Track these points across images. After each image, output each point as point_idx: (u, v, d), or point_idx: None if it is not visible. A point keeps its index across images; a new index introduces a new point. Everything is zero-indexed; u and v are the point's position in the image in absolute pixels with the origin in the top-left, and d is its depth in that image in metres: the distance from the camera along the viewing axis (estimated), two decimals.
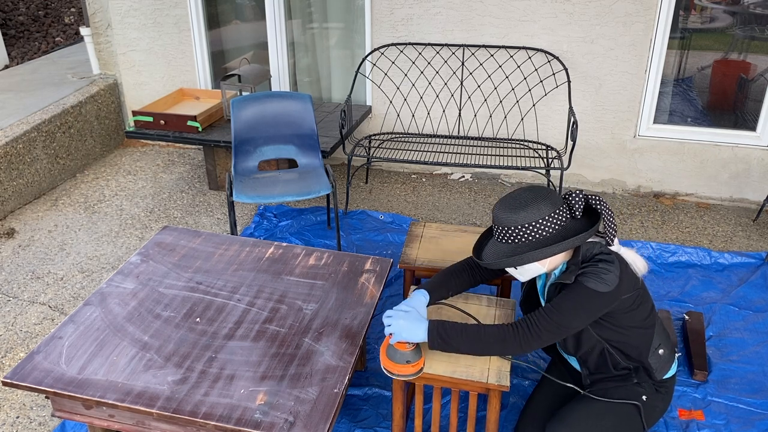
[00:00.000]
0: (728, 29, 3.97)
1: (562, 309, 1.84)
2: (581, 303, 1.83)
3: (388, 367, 1.97)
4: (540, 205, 1.85)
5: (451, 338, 1.90)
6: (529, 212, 1.85)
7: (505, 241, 1.92)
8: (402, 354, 1.95)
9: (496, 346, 1.88)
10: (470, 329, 1.90)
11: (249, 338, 2.21)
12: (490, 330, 1.89)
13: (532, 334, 1.86)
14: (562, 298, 1.85)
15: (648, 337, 2.01)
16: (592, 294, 1.82)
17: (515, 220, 1.87)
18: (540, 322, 1.85)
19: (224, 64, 4.92)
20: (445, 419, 2.50)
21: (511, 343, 1.87)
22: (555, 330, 1.85)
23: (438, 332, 1.91)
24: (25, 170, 4.16)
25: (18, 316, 3.13)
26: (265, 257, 2.68)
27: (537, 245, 1.86)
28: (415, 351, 1.96)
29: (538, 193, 1.88)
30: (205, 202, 4.23)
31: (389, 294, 3.25)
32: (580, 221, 1.92)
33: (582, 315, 1.84)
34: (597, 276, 1.83)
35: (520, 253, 1.87)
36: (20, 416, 2.55)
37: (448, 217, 4.03)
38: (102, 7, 4.81)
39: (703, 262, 3.51)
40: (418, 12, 4.21)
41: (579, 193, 1.89)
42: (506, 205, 1.89)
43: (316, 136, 3.64)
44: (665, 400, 2.10)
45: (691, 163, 4.19)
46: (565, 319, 1.84)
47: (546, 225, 1.86)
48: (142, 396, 1.97)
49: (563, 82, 4.18)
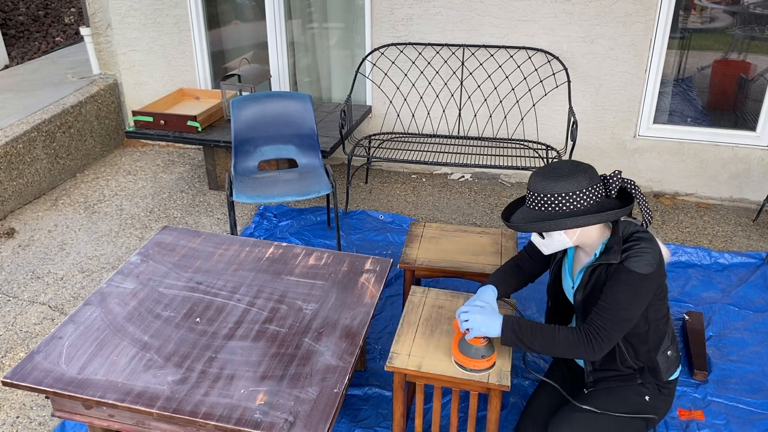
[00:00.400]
0: (728, 29, 3.97)
1: (622, 303, 1.84)
2: (636, 291, 1.83)
3: (463, 362, 1.99)
4: (578, 178, 1.86)
5: (524, 336, 1.92)
6: (567, 182, 1.85)
7: (538, 208, 1.90)
8: (477, 349, 1.97)
9: (568, 350, 1.90)
10: (545, 330, 1.92)
11: (249, 338, 2.21)
12: (564, 333, 1.91)
13: (603, 338, 1.87)
14: (615, 292, 1.85)
15: (661, 335, 2.01)
16: (641, 278, 1.83)
17: (552, 189, 1.86)
18: (606, 324, 1.86)
19: (224, 64, 4.92)
20: (446, 419, 2.50)
21: (583, 349, 1.89)
22: (622, 326, 1.87)
23: (513, 329, 1.94)
24: (25, 170, 4.16)
25: (18, 316, 3.13)
26: (265, 257, 2.68)
27: (569, 215, 1.86)
28: (489, 346, 1.99)
29: (578, 166, 1.89)
30: (205, 202, 4.23)
31: (389, 294, 3.25)
32: (613, 201, 1.93)
33: (640, 302, 1.85)
34: (640, 257, 1.83)
35: (549, 220, 1.87)
36: (20, 416, 2.55)
37: (448, 217, 4.03)
38: (102, 7, 4.81)
39: (703, 262, 3.51)
40: (418, 12, 4.21)
41: (618, 174, 1.90)
42: (545, 173, 1.89)
43: (316, 136, 3.64)
44: (667, 401, 2.10)
45: (691, 163, 4.19)
46: (627, 313, 1.85)
47: (581, 197, 1.86)
48: (142, 396, 1.97)
49: (563, 82, 4.18)
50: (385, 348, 2.89)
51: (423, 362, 2.03)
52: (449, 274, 2.68)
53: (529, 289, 3.28)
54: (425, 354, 2.07)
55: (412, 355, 2.06)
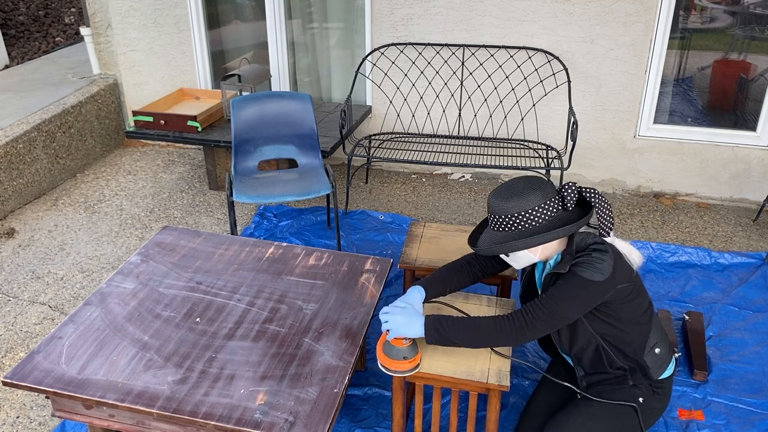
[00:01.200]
0: (728, 29, 3.97)
1: (556, 298, 1.86)
2: (575, 292, 1.85)
3: (385, 364, 1.99)
4: (531, 195, 1.88)
5: (447, 332, 1.92)
6: (521, 201, 1.88)
7: (498, 228, 1.95)
8: (399, 350, 1.96)
9: (491, 337, 1.90)
10: (465, 321, 1.92)
11: (249, 338, 2.21)
12: (485, 322, 1.91)
13: (527, 324, 1.87)
14: (556, 288, 1.87)
15: (644, 333, 2.01)
16: (586, 283, 1.84)
17: (506, 209, 1.90)
18: (535, 312, 1.87)
19: (224, 64, 4.92)
20: (445, 419, 2.50)
21: (506, 334, 1.89)
22: (549, 320, 1.87)
23: (434, 326, 1.93)
24: (25, 170, 4.16)
25: (18, 316, 3.13)
26: (265, 257, 2.68)
27: (527, 234, 1.89)
28: (412, 347, 1.98)
29: (532, 183, 1.91)
30: (205, 202, 4.23)
31: (389, 294, 3.25)
32: (573, 213, 1.95)
33: (576, 304, 1.85)
34: (591, 265, 1.84)
35: (510, 241, 1.90)
36: (20, 416, 2.55)
37: (448, 217, 4.03)
38: (102, 7, 4.81)
39: (703, 262, 3.51)
40: (418, 12, 4.21)
41: (573, 185, 1.91)
42: (500, 193, 1.92)
43: (316, 136, 3.64)
44: (662, 401, 2.09)
45: (691, 163, 4.19)
46: (559, 309, 1.85)
47: (537, 214, 1.89)
48: (142, 396, 1.97)
49: (563, 82, 4.18)
50: None
51: (423, 362, 2.03)
52: None
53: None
54: (424, 354, 2.07)
55: None
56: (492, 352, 2.07)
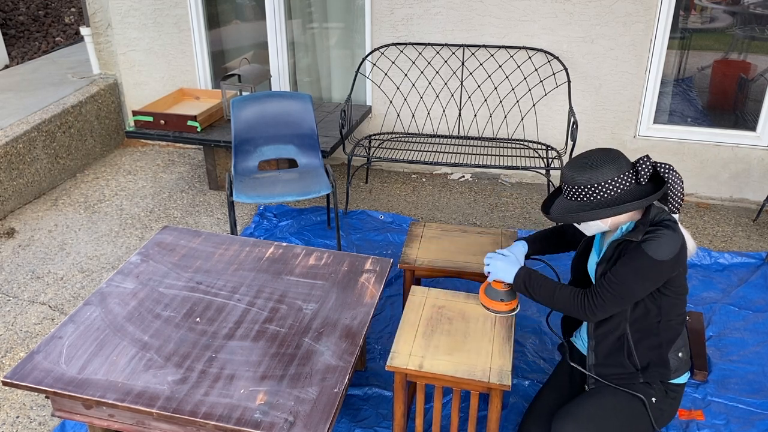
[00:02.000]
0: (728, 29, 3.97)
1: (625, 279, 1.91)
2: (641, 271, 1.89)
3: (485, 303, 2.24)
4: (605, 168, 1.92)
5: (531, 285, 2.09)
6: (595, 174, 1.93)
7: (571, 198, 2.00)
8: (497, 292, 2.21)
9: (565, 306, 2.03)
10: (549, 284, 2.07)
11: (249, 338, 2.21)
12: (564, 291, 2.04)
13: (597, 304, 1.96)
14: (623, 266, 1.91)
15: (675, 334, 2.03)
16: (653, 262, 1.87)
17: (581, 180, 1.95)
18: (604, 293, 1.94)
19: (224, 64, 4.92)
20: (446, 419, 2.50)
21: (578, 308, 2.00)
22: (618, 300, 1.94)
23: (523, 277, 2.12)
24: (25, 170, 4.15)
25: (18, 315, 3.13)
26: (265, 257, 2.68)
27: (599, 205, 1.94)
28: (510, 292, 2.21)
29: (607, 155, 1.95)
30: (205, 202, 4.23)
31: (389, 294, 3.25)
32: (646, 187, 1.98)
33: (643, 283, 1.90)
34: (659, 242, 1.87)
35: (582, 211, 1.96)
36: (20, 416, 2.55)
37: (448, 217, 4.03)
38: (102, 7, 4.81)
39: (703, 262, 3.51)
40: (418, 12, 4.21)
41: (647, 159, 1.94)
42: (575, 164, 1.97)
43: (316, 136, 3.64)
44: (673, 405, 2.09)
45: (691, 163, 4.19)
46: (627, 289, 1.91)
47: (609, 187, 1.93)
48: (142, 396, 1.97)
49: (563, 82, 4.18)
50: (386, 348, 2.89)
51: (424, 362, 2.03)
52: (449, 274, 2.68)
53: None
54: (426, 354, 2.07)
55: (412, 355, 2.06)
56: (493, 352, 2.07)
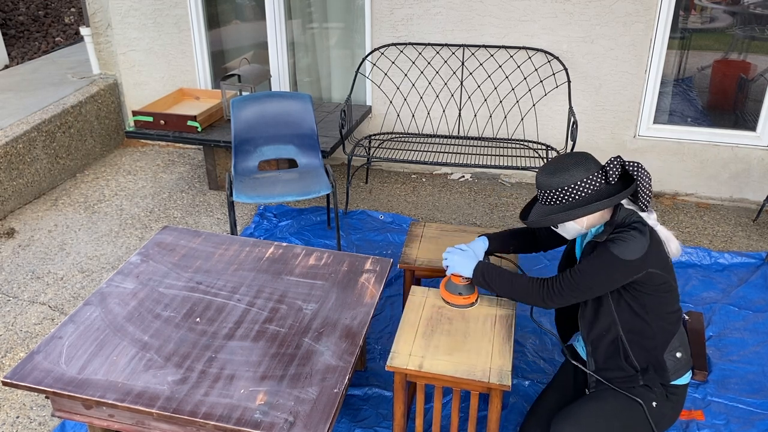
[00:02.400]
0: (728, 29, 3.97)
1: (585, 271, 1.95)
2: (603, 267, 1.92)
3: (445, 297, 2.28)
4: (575, 170, 1.98)
5: (489, 277, 2.13)
6: (565, 176, 1.98)
7: (546, 202, 2.06)
8: (455, 286, 2.25)
9: (523, 294, 2.08)
10: (507, 275, 2.11)
11: (249, 338, 2.21)
12: (522, 280, 2.08)
13: (555, 291, 2.01)
14: (587, 261, 1.96)
15: (669, 333, 2.03)
16: (615, 260, 1.90)
17: (552, 183, 2.01)
18: (564, 281, 1.99)
19: (224, 64, 4.92)
20: (446, 419, 2.50)
21: (535, 295, 2.05)
22: (576, 290, 1.97)
23: (482, 270, 2.15)
24: (25, 170, 4.15)
25: (18, 316, 3.13)
26: (265, 257, 2.68)
27: (572, 206, 1.99)
28: (469, 287, 2.25)
29: (577, 158, 2.01)
30: (205, 202, 4.23)
31: (389, 294, 3.25)
32: (616, 186, 2.02)
33: (603, 279, 1.93)
34: (624, 242, 1.90)
35: (555, 213, 2.00)
36: (20, 416, 2.55)
37: (448, 217, 4.03)
38: (102, 7, 4.81)
39: (703, 262, 3.51)
40: (418, 12, 4.21)
41: (617, 159, 1.98)
42: (547, 169, 2.04)
43: (316, 136, 3.64)
44: (675, 409, 2.08)
45: (691, 163, 4.19)
46: (585, 280, 1.95)
47: (580, 188, 1.98)
48: (142, 396, 1.97)
49: (563, 82, 4.18)
50: (386, 348, 2.89)
51: (424, 362, 2.03)
52: None
53: None
54: (426, 354, 2.07)
55: (412, 355, 2.06)
56: (493, 352, 2.07)
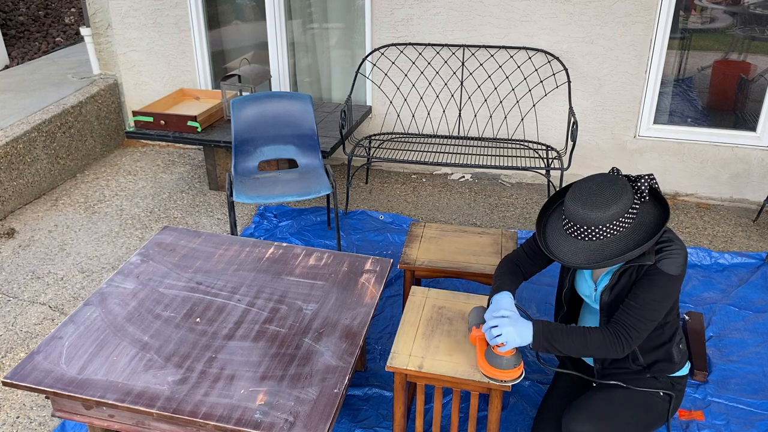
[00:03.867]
0: (728, 29, 3.97)
1: (653, 304, 1.86)
2: (666, 292, 1.85)
3: (495, 375, 1.93)
4: (621, 199, 1.84)
5: (556, 340, 1.91)
6: (614, 209, 1.83)
7: (588, 238, 1.89)
8: (509, 360, 1.92)
9: (599, 350, 1.90)
10: (575, 332, 1.91)
11: (249, 338, 2.21)
12: (595, 335, 1.90)
13: (631, 337, 1.88)
14: (647, 292, 1.85)
15: (675, 328, 2.04)
16: (672, 279, 1.85)
17: (601, 219, 1.84)
18: (635, 324, 1.87)
19: (224, 64, 4.92)
20: (447, 419, 2.50)
21: (613, 346, 1.89)
22: (649, 326, 1.88)
23: (544, 334, 1.91)
24: (25, 170, 4.15)
25: (18, 316, 3.13)
26: (265, 257, 2.68)
27: (621, 238, 1.87)
28: (518, 353, 1.94)
29: (614, 185, 1.86)
30: (205, 203, 4.23)
31: (389, 294, 3.25)
32: (647, 205, 1.94)
33: (668, 303, 1.88)
34: (672, 259, 1.84)
35: (608, 249, 1.86)
36: (20, 416, 2.55)
37: (448, 218, 4.03)
38: (102, 8, 4.81)
39: (703, 262, 3.51)
40: (418, 12, 4.21)
41: (647, 177, 1.88)
42: (588, 203, 1.85)
43: (316, 137, 3.64)
44: (678, 398, 2.11)
45: (692, 163, 4.19)
46: (656, 314, 1.87)
47: (628, 218, 1.86)
48: (142, 396, 1.97)
49: (563, 82, 4.18)
50: (386, 348, 2.89)
51: (424, 362, 2.03)
52: (449, 275, 2.68)
53: (529, 290, 3.28)
54: (426, 354, 2.07)
55: (412, 356, 2.06)
56: None
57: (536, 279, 3.37)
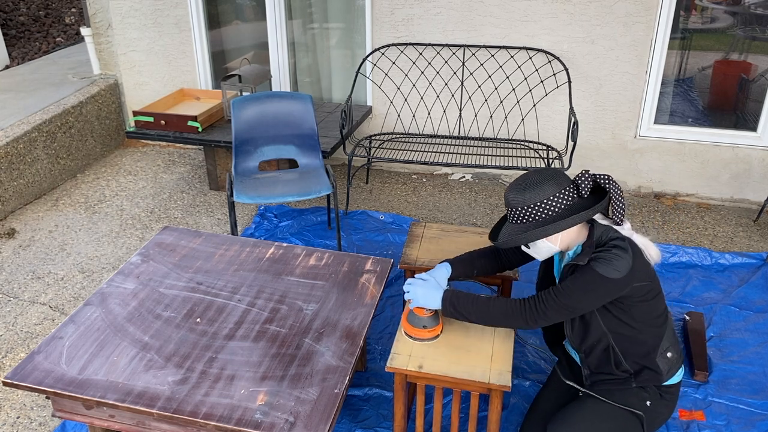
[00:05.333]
0: (729, 30, 3.97)
1: (570, 291, 1.89)
2: (589, 287, 1.87)
3: (408, 331, 2.13)
4: (546, 186, 1.91)
5: (461, 307, 2.01)
6: (536, 192, 1.91)
7: (516, 221, 1.98)
8: (419, 319, 2.10)
9: (502, 318, 1.97)
10: (480, 300, 2.00)
11: (249, 338, 2.21)
12: (498, 303, 1.98)
13: (538, 312, 1.93)
14: (572, 281, 1.89)
15: (658, 336, 2.01)
16: (601, 279, 1.85)
17: (522, 201, 1.93)
18: (548, 301, 1.92)
19: (225, 65, 4.92)
20: (447, 419, 2.50)
21: (517, 318, 1.95)
22: (561, 310, 1.91)
23: (451, 300, 2.03)
24: (25, 170, 4.16)
25: (18, 316, 3.13)
26: (266, 257, 2.68)
27: (544, 224, 1.91)
28: (433, 318, 2.10)
29: (545, 174, 1.94)
30: (205, 203, 4.23)
31: (390, 294, 3.25)
32: (588, 200, 1.96)
33: (589, 298, 1.88)
34: (608, 262, 1.85)
35: (527, 231, 1.92)
36: (21, 416, 2.55)
37: (449, 218, 4.03)
38: (102, 8, 4.81)
39: (703, 262, 3.51)
40: (418, 12, 4.21)
41: (587, 173, 1.93)
42: (515, 186, 1.96)
43: (316, 137, 3.64)
44: (669, 407, 2.09)
45: (692, 163, 4.19)
46: (571, 301, 1.89)
47: (552, 204, 1.91)
48: (143, 396, 1.97)
49: (564, 82, 4.18)
50: (386, 348, 2.89)
51: (424, 363, 2.03)
52: None
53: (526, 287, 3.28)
54: (426, 354, 2.07)
55: (412, 356, 2.06)
56: (493, 353, 2.07)
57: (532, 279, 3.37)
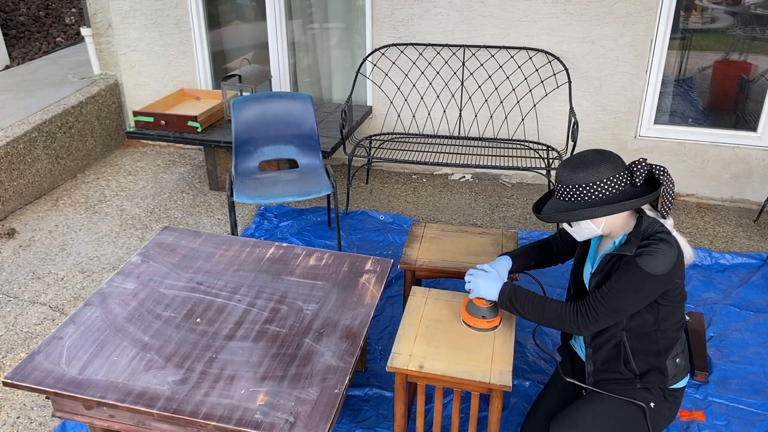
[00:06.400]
0: (729, 30, 3.97)
1: (619, 293, 1.86)
2: (637, 286, 1.85)
3: (466, 320, 2.17)
4: (601, 167, 1.88)
5: (518, 302, 2.03)
6: (590, 172, 1.88)
7: (564, 198, 1.96)
8: (479, 309, 2.15)
9: (555, 321, 1.98)
10: (537, 300, 2.01)
11: (249, 339, 2.21)
12: (554, 306, 1.99)
13: (590, 317, 1.92)
14: (618, 281, 1.86)
15: (672, 340, 2.00)
16: (648, 276, 1.83)
17: (575, 179, 1.90)
18: (597, 307, 1.91)
19: (225, 65, 4.92)
20: (447, 419, 2.50)
21: (569, 322, 1.96)
22: (612, 314, 1.90)
23: (509, 294, 2.05)
24: (25, 170, 4.16)
25: (18, 316, 3.13)
26: (266, 258, 2.68)
27: (593, 204, 1.90)
28: (492, 309, 2.15)
29: (603, 155, 1.92)
30: (205, 203, 4.23)
31: (390, 294, 3.25)
32: (640, 189, 1.93)
33: (638, 298, 1.86)
34: (654, 256, 1.83)
35: (574, 210, 1.91)
36: (21, 416, 2.55)
37: (449, 218, 4.03)
38: (103, 8, 4.81)
39: (703, 262, 3.51)
40: (418, 12, 4.21)
41: (643, 161, 1.90)
42: (570, 164, 1.93)
43: (316, 137, 3.64)
44: (672, 409, 2.08)
45: (692, 163, 4.19)
46: (621, 304, 1.88)
47: (605, 186, 1.89)
48: (143, 396, 1.97)
49: (564, 82, 4.18)
50: (386, 348, 2.89)
51: (424, 363, 2.03)
52: (450, 275, 2.68)
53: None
54: (426, 354, 2.07)
55: (413, 356, 2.06)
56: (493, 353, 2.07)
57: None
